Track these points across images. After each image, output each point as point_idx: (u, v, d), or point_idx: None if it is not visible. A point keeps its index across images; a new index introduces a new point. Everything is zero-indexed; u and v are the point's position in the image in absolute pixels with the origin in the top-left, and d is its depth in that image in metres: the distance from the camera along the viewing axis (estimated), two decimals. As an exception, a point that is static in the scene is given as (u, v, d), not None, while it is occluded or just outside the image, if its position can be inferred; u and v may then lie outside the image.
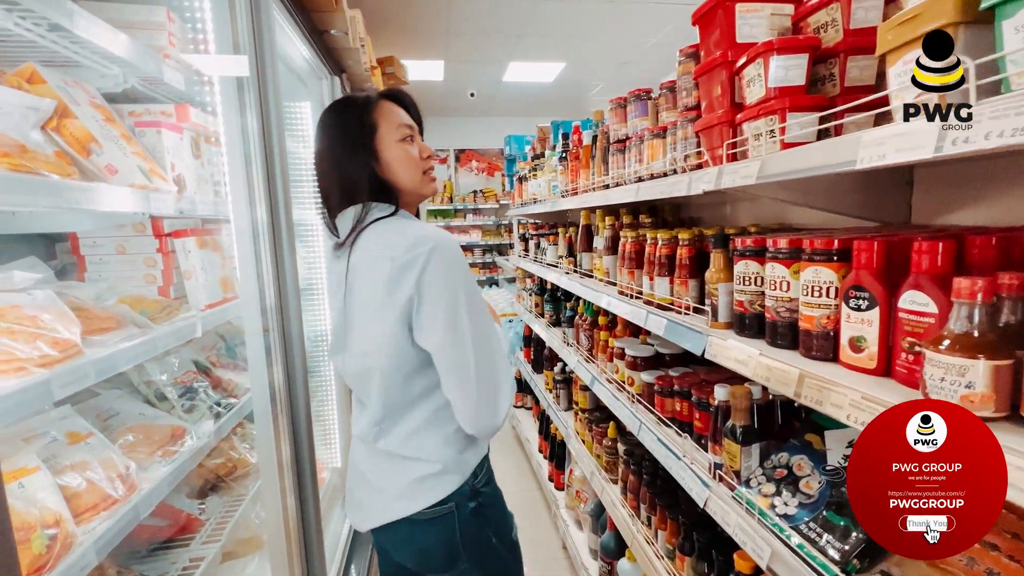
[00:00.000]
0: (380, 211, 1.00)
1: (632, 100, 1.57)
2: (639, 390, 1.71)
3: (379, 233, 0.96)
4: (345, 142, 1.00)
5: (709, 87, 1.09)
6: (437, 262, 0.89)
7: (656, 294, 1.45)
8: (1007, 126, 0.48)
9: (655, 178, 1.43)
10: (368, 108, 1.02)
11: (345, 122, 1.01)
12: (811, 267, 0.89)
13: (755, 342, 1.04)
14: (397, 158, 1.01)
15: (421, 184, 1.05)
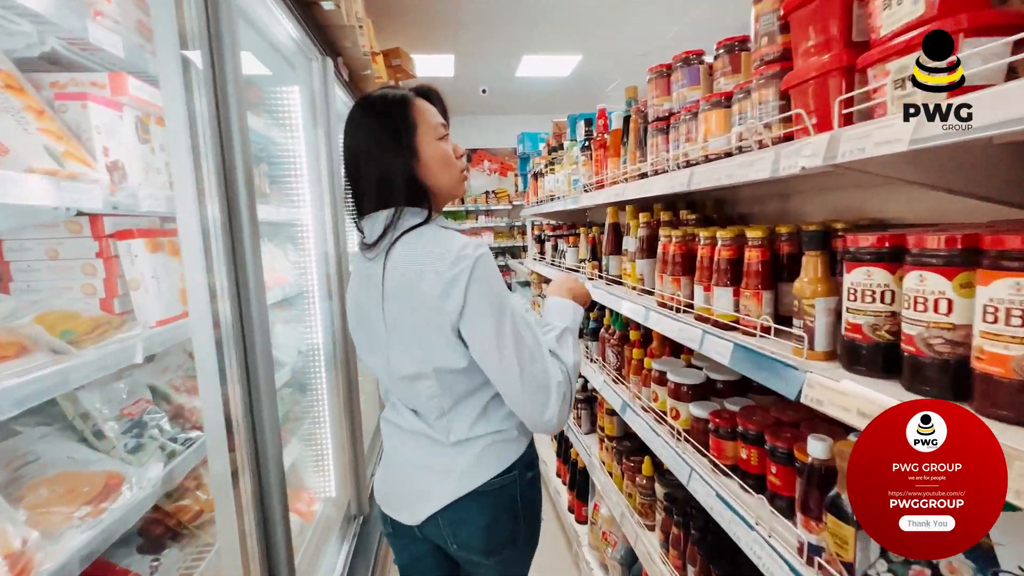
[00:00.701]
0: (413, 217, 0.99)
1: (679, 66, 1.26)
2: (686, 425, 1.39)
3: (418, 243, 0.95)
4: (385, 140, 0.97)
5: (812, 23, 0.77)
6: (479, 276, 0.92)
7: (714, 309, 1.13)
8: None
9: (713, 159, 1.11)
10: (408, 105, 0.99)
11: (385, 120, 0.98)
12: (1002, 279, 0.57)
13: (881, 384, 0.73)
14: (437, 157, 1.00)
15: (458, 184, 1.06)
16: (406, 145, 0.96)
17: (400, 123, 0.97)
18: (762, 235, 1.02)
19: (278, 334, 2.23)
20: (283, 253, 2.27)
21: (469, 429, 1.01)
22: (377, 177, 0.98)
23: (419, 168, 0.99)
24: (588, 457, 2.31)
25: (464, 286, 0.90)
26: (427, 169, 0.99)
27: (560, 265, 2.66)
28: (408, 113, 0.98)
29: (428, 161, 0.99)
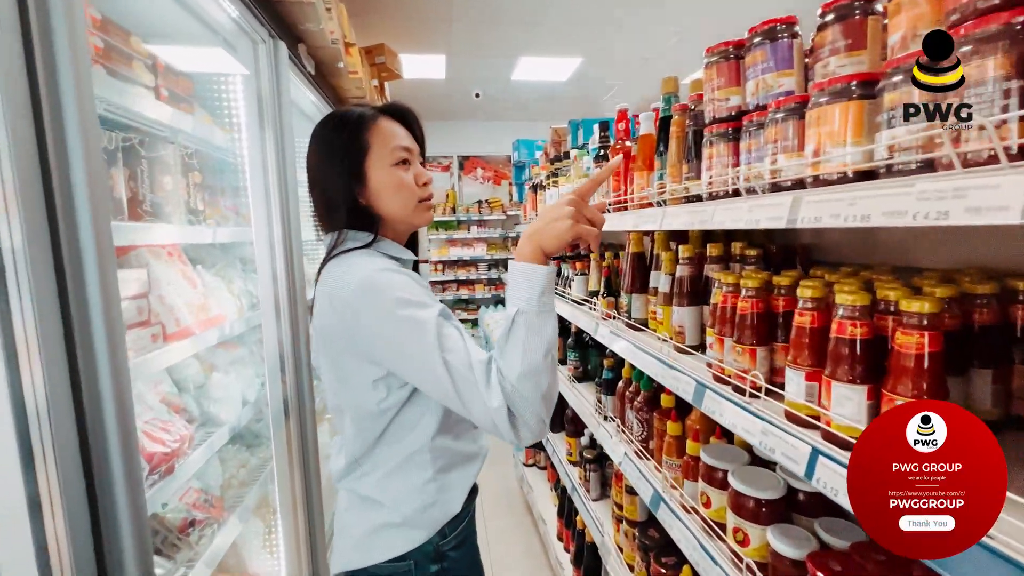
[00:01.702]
0: (352, 241, 0.94)
1: (758, 42, 0.86)
2: (760, 557, 0.97)
3: (334, 268, 0.88)
4: (332, 162, 0.92)
5: None
6: (373, 297, 0.82)
7: (833, 416, 0.72)
8: None
9: (834, 183, 0.70)
10: (361, 127, 0.93)
11: (334, 140, 0.93)
12: None
13: None
14: (388, 184, 0.93)
15: (414, 214, 0.97)
16: (352, 168, 0.91)
17: (350, 144, 0.91)
18: (933, 309, 0.61)
19: (215, 384, 1.79)
20: (226, 283, 1.83)
21: (377, 487, 0.93)
22: (323, 198, 0.95)
23: (366, 194, 0.94)
24: (599, 533, 1.88)
25: (354, 313, 0.82)
26: (375, 196, 0.94)
27: (565, 296, 2.25)
28: (361, 135, 0.92)
29: (377, 187, 0.93)
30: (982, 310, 0.73)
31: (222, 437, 1.69)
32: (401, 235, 1.01)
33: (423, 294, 0.84)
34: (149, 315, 1.42)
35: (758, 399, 0.89)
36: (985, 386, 0.73)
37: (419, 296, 0.81)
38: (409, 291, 0.81)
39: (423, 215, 0.99)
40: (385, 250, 0.94)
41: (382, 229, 0.96)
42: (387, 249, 0.95)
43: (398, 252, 0.96)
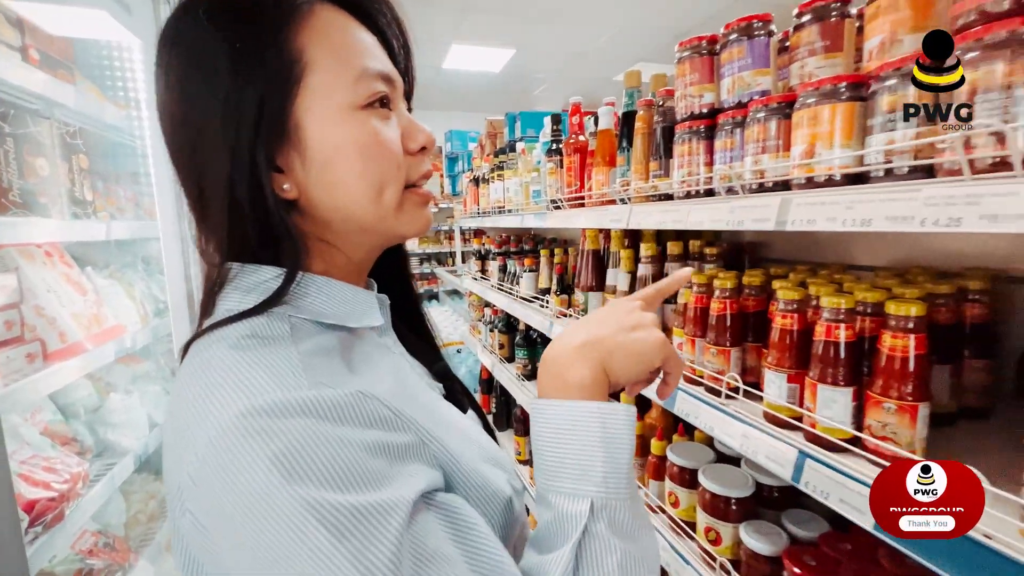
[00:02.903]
0: (241, 293, 0.44)
1: (734, 38, 0.84)
2: (730, 555, 0.98)
3: (189, 376, 0.39)
4: (214, 99, 0.42)
5: None
6: (224, 511, 0.33)
7: (818, 416, 0.72)
8: None
9: (822, 186, 0.70)
10: (288, 16, 0.43)
11: (227, 36, 0.42)
12: None
13: None
14: (349, 144, 0.45)
15: (399, 210, 0.49)
16: (262, 111, 0.42)
17: (259, 59, 0.42)
18: (919, 313, 0.62)
19: (114, 407, 1.52)
20: (124, 287, 1.56)
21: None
22: (193, 186, 0.46)
23: (297, 167, 0.45)
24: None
25: (209, 526, 0.34)
26: (319, 171, 0.45)
27: (513, 292, 2.19)
28: (286, 38, 0.43)
29: (324, 153, 0.45)
30: (941, 309, 0.77)
31: (126, 468, 1.45)
32: (362, 259, 0.52)
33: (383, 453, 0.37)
34: (22, 330, 1.17)
35: (735, 400, 0.89)
36: (943, 381, 0.77)
37: (368, 467, 0.35)
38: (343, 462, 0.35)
39: (416, 214, 0.50)
40: (318, 306, 0.46)
41: (319, 252, 0.49)
42: (326, 305, 0.47)
43: (341, 303, 0.48)
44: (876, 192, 0.58)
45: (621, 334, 0.46)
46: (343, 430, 0.36)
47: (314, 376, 0.38)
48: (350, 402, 0.38)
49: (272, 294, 0.43)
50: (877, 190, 0.59)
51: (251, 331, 0.40)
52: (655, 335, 0.47)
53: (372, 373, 0.46)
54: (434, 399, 0.52)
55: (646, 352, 0.46)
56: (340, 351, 0.45)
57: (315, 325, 0.45)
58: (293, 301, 0.45)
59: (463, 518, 0.39)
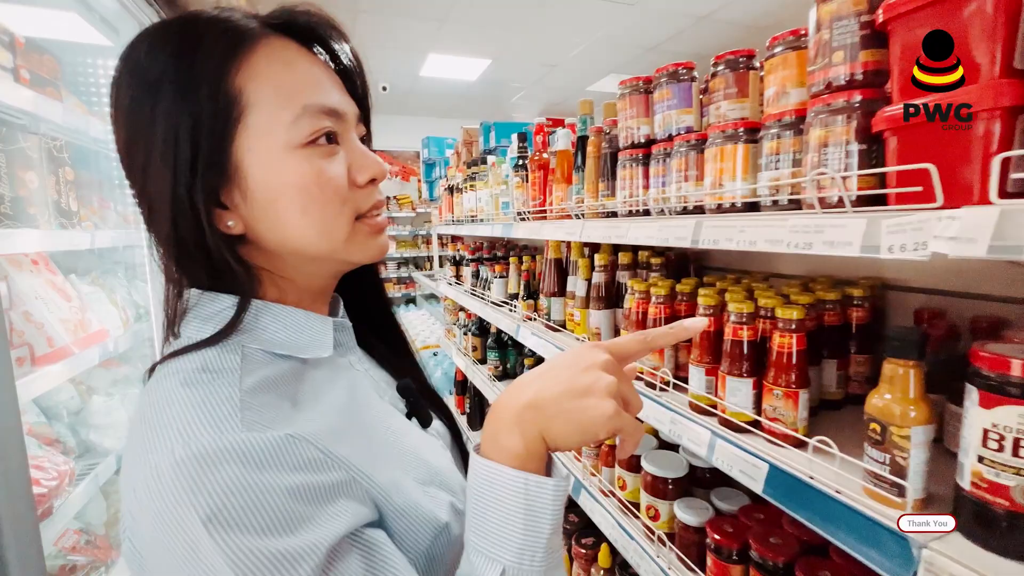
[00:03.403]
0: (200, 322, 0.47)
1: (664, 81, 0.98)
2: (668, 528, 1.12)
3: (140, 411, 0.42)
4: (151, 141, 0.43)
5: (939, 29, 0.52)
6: (160, 538, 0.36)
7: (727, 404, 0.86)
8: None
9: (728, 211, 0.84)
10: (231, 51, 0.44)
11: (167, 77, 0.43)
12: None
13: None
14: (289, 185, 0.46)
15: (348, 242, 0.50)
16: (209, 158, 0.44)
17: (198, 92, 0.43)
18: (799, 316, 0.77)
19: (96, 410, 1.58)
20: (107, 293, 1.62)
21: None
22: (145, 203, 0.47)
23: (241, 204, 0.46)
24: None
25: (145, 548, 0.38)
26: (262, 209, 0.46)
27: (484, 297, 2.31)
28: (226, 73, 0.44)
29: (265, 193, 0.46)
30: (830, 313, 0.92)
31: (108, 468, 1.51)
32: (319, 286, 0.54)
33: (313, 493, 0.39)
34: (11, 335, 1.23)
35: (667, 392, 1.03)
36: (832, 373, 0.92)
37: (289, 512, 0.37)
38: (264, 508, 0.37)
39: (369, 243, 0.52)
40: (270, 335, 0.48)
41: (271, 280, 0.51)
42: (275, 332, 0.49)
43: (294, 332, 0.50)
44: (760, 219, 0.72)
45: (568, 399, 0.42)
46: (267, 476, 0.37)
47: (251, 416, 0.40)
48: (278, 446, 0.39)
49: (225, 325, 0.45)
50: (761, 218, 0.73)
51: (202, 365, 0.43)
52: (603, 407, 0.41)
53: (316, 407, 0.47)
54: (383, 423, 0.53)
55: (590, 426, 0.41)
56: (289, 381, 0.47)
57: (267, 354, 0.47)
58: (247, 330, 0.47)
59: (382, 557, 0.41)
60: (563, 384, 0.42)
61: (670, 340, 0.48)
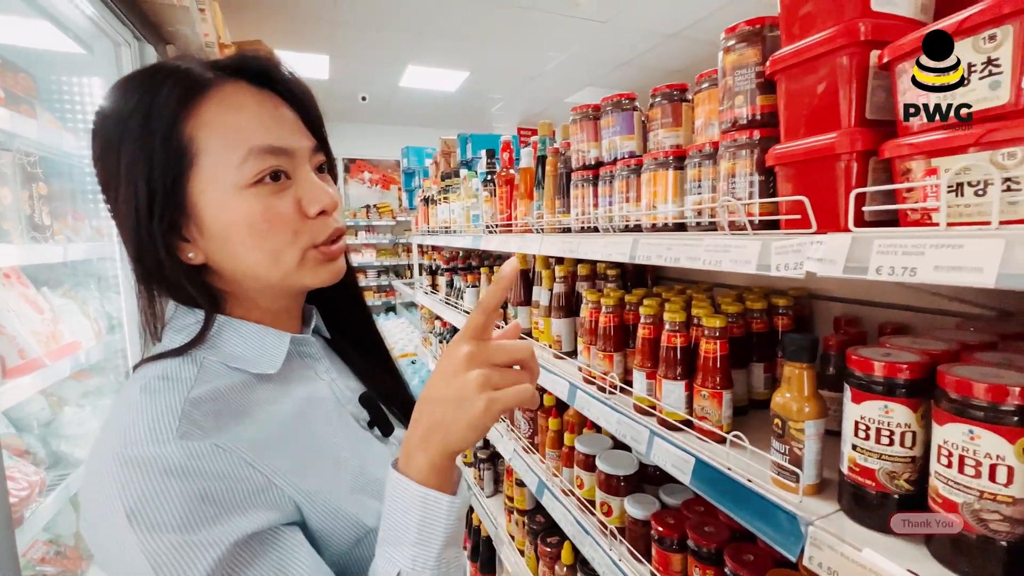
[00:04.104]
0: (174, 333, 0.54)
1: (609, 110, 1.08)
2: (620, 523, 1.20)
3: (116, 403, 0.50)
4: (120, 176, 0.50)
5: (809, 89, 0.61)
6: (95, 518, 0.44)
7: (663, 404, 0.95)
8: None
9: (660, 231, 0.94)
10: (183, 102, 0.49)
11: (127, 127, 0.49)
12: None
13: (902, 548, 0.58)
14: (239, 222, 0.51)
15: (297, 270, 0.55)
16: (166, 193, 0.49)
17: (161, 142, 0.48)
18: (721, 325, 0.86)
19: (68, 421, 1.60)
20: (79, 305, 1.64)
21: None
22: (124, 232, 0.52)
23: (198, 238, 0.52)
24: (493, 526, 2.04)
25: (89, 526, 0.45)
26: (218, 243, 0.52)
27: (457, 306, 2.38)
28: (181, 120, 0.49)
29: (218, 229, 0.51)
30: (757, 320, 1.02)
31: (79, 478, 1.53)
32: (283, 305, 0.60)
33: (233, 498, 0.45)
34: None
35: (615, 395, 1.11)
36: (760, 375, 1.02)
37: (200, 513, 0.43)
38: (178, 510, 0.43)
39: (319, 270, 0.56)
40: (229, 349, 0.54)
41: (236, 302, 0.57)
42: (234, 347, 0.55)
43: (251, 348, 0.55)
44: (682, 239, 0.81)
45: (452, 411, 0.45)
46: (185, 483, 0.43)
47: (187, 425, 0.45)
48: (203, 454, 0.45)
49: (191, 340, 0.52)
50: (683, 238, 0.82)
51: (163, 373, 0.49)
52: (477, 405, 0.45)
53: (257, 418, 0.51)
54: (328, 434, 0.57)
55: (477, 423, 0.45)
56: (239, 392, 0.52)
57: (224, 367, 0.53)
58: (210, 343, 0.53)
59: (290, 550, 0.46)
60: (444, 398, 0.46)
61: (498, 294, 0.49)
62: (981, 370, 0.54)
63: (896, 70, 0.54)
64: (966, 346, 0.64)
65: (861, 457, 0.62)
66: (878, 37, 0.55)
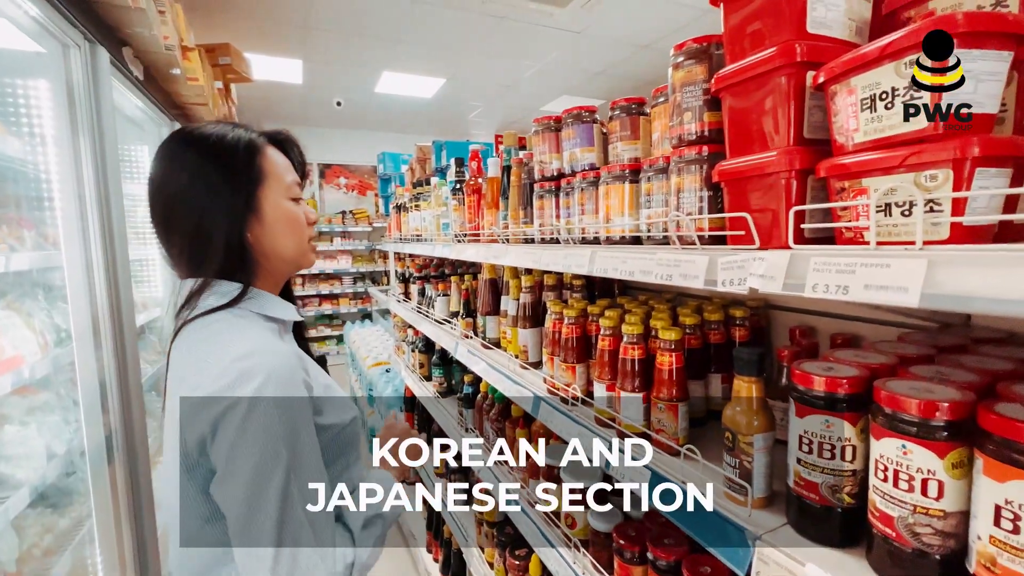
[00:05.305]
0: (218, 296, 0.78)
1: (570, 122, 1.08)
2: (584, 535, 1.19)
3: (199, 337, 0.74)
4: (217, 188, 0.77)
5: (752, 108, 0.62)
6: (259, 415, 0.65)
7: (623, 416, 0.94)
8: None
9: (617, 243, 0.94)
10: (256, 152, 0.82)
11: (222, 163, 0.78)
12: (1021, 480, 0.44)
13: (843, 560, 0.59)
14: (286, 219, 0.83)
15: (306, 254, 0.89)
16: (245, 198, 0.78)
17: (243, 171, 0.79)
18: (676, 338, 0.86)
19: (9, 439, 1.52)
20: (23, 318, 1.56)
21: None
22: (192, 232, 0.77)
23: (258, 228, 0.80)
24: (463, 537, 2.01)
25: (221, 423, 0.65)
26: (270, 231, 0.81)
27: (429, 315, 2.35)
28: (255, 161, 0.80)
29: (273, 222, 0.81)
30: (715, 332, 1.03)
31: (21, 500, 1.45)
32: (279, 283, 0.89)
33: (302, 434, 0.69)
34: (-89, 363, 1.17)
35: (577, 407, 1.11)
36: (717, 385, 1.02)
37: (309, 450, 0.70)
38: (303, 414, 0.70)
39: (311, 256, 0.90)
40: (263, 309, 0.80)
41: (260, 276, 0.83)
42: (266, 307, 0.81)
43: (280, 311, 0.82)
44: (636, 252, 0.82)
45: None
46: (292, 368, 0.71)
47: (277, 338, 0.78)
48: (295, 352, 0.75)
49: (237, 295, 0.77)
50: (638, 251, 0.82)
51: (234, 315, 0.76)
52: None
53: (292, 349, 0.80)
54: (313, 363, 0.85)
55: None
56: (278, 334, 0.81)
57: (260, 317, 0.80)
58: (247, 303, 0.78)
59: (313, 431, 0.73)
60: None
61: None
62: (914, 384, 0.55)
63: (830, 91, 0.55)
64: (904, 359, 0.65)
65: (805, 471, 0.62)
66: (814, 58, 0.56)
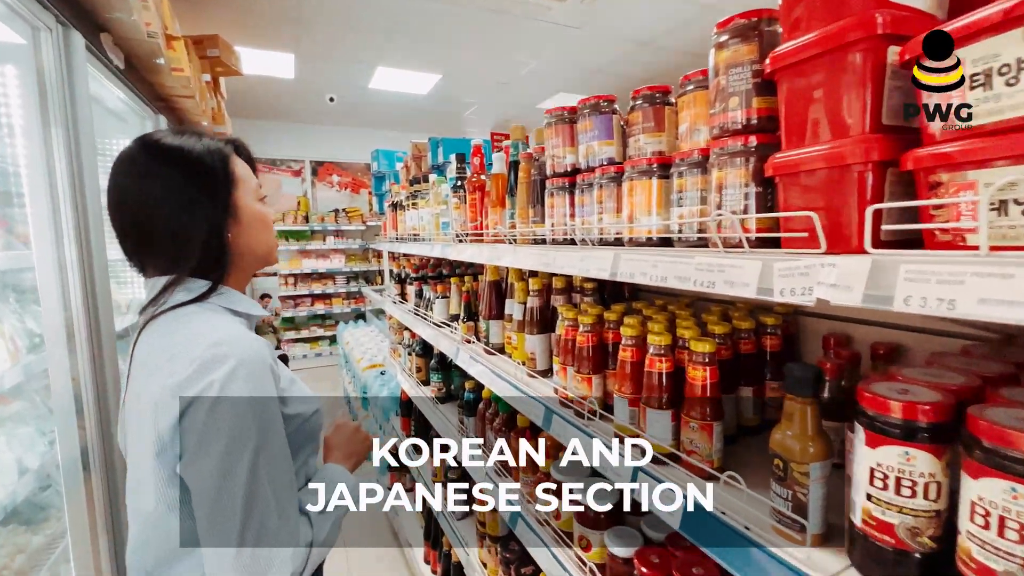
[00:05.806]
0: (187, 292, 0.79)
1: (587, 113, 0.99)
2: (600, 559, 1.10)
3: (170, 329, 0.76)
4: (194, 195, 0.79)
5: (818, 88, 0.54)
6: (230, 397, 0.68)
7: (648, 434, 0.86)
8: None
9: (643, 245, 0.85)
10: (227, 157, 0.85)
11: (196, 170, 0.80)
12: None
13: (926, 615, 0.50)
14: (259, 219, 0.87)
15: (274, 250, 0.93)
16: (224, 204, 0.82)
17: (220, 178, 0.82)
18: (710, 350, 0.78)
19: (-27, 453, 1.40)
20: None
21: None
22: (170, 235, 0.79)
23: (236, 229, 0.84)
24: (464, 552, 1.92)
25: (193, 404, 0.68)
26: (246, 231, 0.85)
27: (427, 318, 2.25)
28: (228, 167, 0.84)
29: (249, 221, 0.85)
30: (745, 341, 0.94)
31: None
32: (246, 280, 0.92)
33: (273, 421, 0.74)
34: None
35: (594, 422, 1.02)
36: (749, 400, 0.94)
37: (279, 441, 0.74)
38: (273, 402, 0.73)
39: (277, 254, 0.96)
40: (231, 304, 0.83)
41: (232, 274, 0.86)
42: (233, 302, 0.83)
43: (247, 306, 0.85)
44: (670, 255, 0.73)
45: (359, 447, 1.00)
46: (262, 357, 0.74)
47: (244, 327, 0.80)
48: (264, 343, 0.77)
49: (206, 290, 0.79)
50: (671, 253, 0.74)
51: (206, 308, 0.78)
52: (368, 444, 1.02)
53: None
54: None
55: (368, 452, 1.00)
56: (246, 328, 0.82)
57: (227, 311, 0.81)
58: (215, 299, 0.80)
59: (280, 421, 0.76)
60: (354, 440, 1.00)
61: None
62: (1017, 413, 0.47)
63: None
64: (986, 379, 0.58)
65: (878, 509, 0.54)
66: (897, 31, 0.48)
